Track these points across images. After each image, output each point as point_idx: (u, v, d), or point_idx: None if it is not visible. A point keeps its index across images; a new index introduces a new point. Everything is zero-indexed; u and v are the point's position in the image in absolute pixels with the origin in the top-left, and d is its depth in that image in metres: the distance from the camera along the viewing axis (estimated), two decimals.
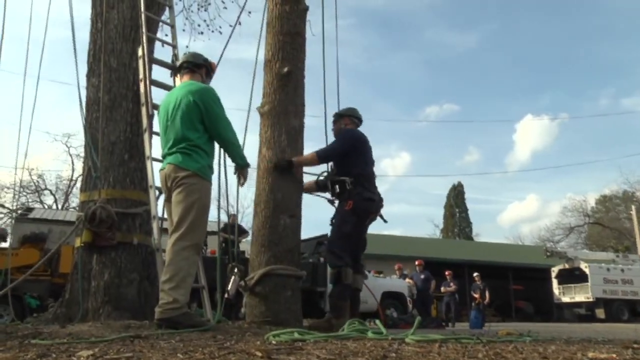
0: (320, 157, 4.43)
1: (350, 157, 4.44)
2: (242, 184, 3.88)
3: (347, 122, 4.74)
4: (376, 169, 4.67)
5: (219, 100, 3.65)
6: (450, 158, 67.97)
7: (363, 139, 4.58)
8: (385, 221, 4.64)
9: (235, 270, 4.20)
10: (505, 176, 70.37)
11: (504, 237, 59.08)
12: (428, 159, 67.64)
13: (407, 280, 13.92)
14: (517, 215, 67.85)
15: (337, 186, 4.49)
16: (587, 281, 20.75)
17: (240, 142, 3.86)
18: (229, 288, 4.17)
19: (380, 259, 20.93)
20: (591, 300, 20.54)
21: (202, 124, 3.61)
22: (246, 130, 4.71)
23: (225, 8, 9.77)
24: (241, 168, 3.82)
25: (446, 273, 15.68)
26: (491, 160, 68.54)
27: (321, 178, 4.67)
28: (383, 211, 4.57)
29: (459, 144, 70.60)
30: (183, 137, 3.55)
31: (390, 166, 65.59)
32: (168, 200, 3.66)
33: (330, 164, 4.63)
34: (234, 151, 3.71)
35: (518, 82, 68.70)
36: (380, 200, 4.53)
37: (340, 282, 4.25)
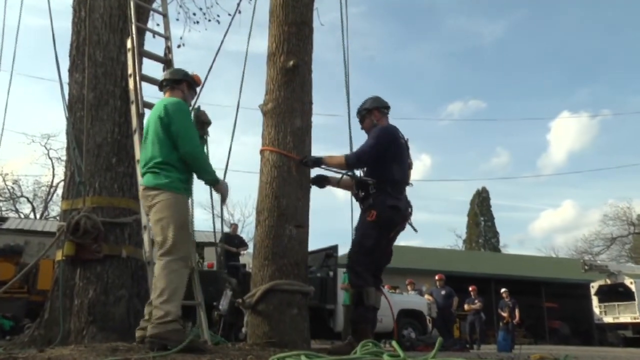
0: (352, 161, 4.44)
1: (383, 158, 4.43)
2: (224, 202, 4.02)
3: (377, 116, 4.69)
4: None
5: (183, 113, 3.80)
6: (475, 161, 67.65)
7: (398, 139, 4.55)
8: (415, 230, 4.66)
9: (227, 284, 4.26)
10: (537, 180, 69.98)
11: (536, 249, 58.77)
12: (450, 162, 67.25)
13: (426, 296, 13.91)
14: (550, 224, 67.29)
15: (360, 190, 4.51)
16: (633, 299, 20.49)
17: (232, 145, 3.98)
18: (220, 303, 4.23)
19: (395, 272, 20.85)
20: (639, 321, 20.35)
21: (172, 139, 3.78)
22: (234, 132, 4.75)
23: None
24: (211, 185, 3.95)
25: (470, 289, 15.64)
26: (522, 163, 68.02)
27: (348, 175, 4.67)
28: (413, 218, 4.59)
29: (485, 145, 70.14)
30: (152, 157, 3.76)
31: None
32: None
33: None
34: (198, 166, 3.80)
35: (553, 75, 68.10)
36: (408, 207, 4.52)
37: (362, 303, 4.29)
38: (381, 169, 4.40)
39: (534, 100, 64.82)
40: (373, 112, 4.68)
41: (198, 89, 4.32)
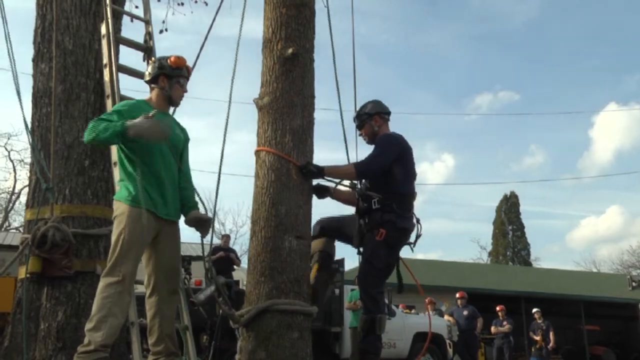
0: (359, 172, 4.61)
1: (391, 170, 4.62)
2: (157, 138, 3.89)
3: (378, 122, 4.91)
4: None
5: (113, 110, 4.02)
6: (505, 161, 67.49)
7: (408, 148, 4.77)
8: (412, 249, 4.89)
9: (211, 279, 4.31)
10: (578, 183, 69.77)
11: (573, 263, 58.69)
12: (476, 163, 67.14)
13: (447, 317, 13.95)
14: (592, 234, 67.00)
15: (363, 202, 4.71)
16: None
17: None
18: (197, 295, 4.29)
19: (411, 290, 20.83)
20: None
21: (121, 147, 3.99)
22: (226, 129, 4.74)
23: None
24: (125, 136, 3.83)
25: (497, 309, 15.68)
26: (560, 163, 67.95)
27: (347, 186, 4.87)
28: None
29: (517, 143, 70.11)
30: None
31: (429, 171, 65.03)
32: None
33: None
34: (98, 141, 3.83)
35: (596, 61, 68.05)
36: (415, 225, 4.76)
37: (373, 332, 4.49)
38: (388, 182, 4.62)
39: (575, 91, 64.64)
40: (374, 118, 4.90)
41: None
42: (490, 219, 49.89)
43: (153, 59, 4.34)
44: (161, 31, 10.05)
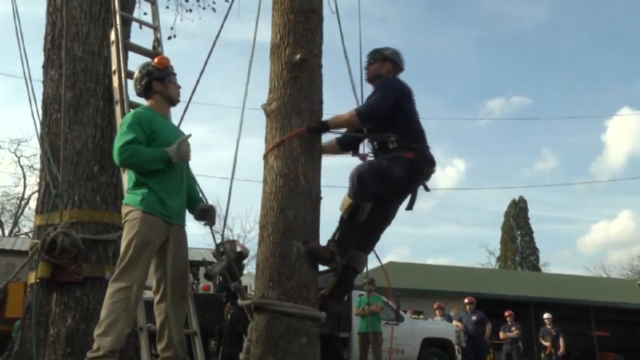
0: (362, 115, 4.48)
1: (397, 111, 4.52)
2: (181, 158, 4.05)
3: (389, 68, 4.83)
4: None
5: (124, 123, 4.00)
6: (516, 165, 67.21)
7: (409, 89, 4.68)
8: (427, 189, 4.77)
9: (222, 249, 4.36)
10: (590, 188, 69.39)
11: (583, 268, 58.46)
12: (487, 167, 66.88)
13: (455, 323, 13.90)
14: (604, 239, 66.55)
15: (376, 144, 4.62)
16: None
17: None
18: (211, 267, 4.34)
19: (419, 295, 20.84)
20: None
21: None
22: (240, 134, 4.79)
23: None
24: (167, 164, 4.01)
25: (506, 314, 15.60)
26: (572, 168, 67.60)
27: (344, 135, 4.77)
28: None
29: (529, 148, 69.77)
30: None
31: (440, 176, 64.92)
32: None
33: None
34: (138, 166, 3.96)
35: (609, 64, 67.55)
36: (435, 161, 4.66)
37: (355, 218, 4.45)
38: (400, 122, 4.52)
39: (587, 95, 64.25)
40: (387, 62, 4.83)
41: (173, 71, 4.33)
42: (499, 223, 49.76)
43: (137, 72, 4.30)
44: (169, 37, 10.11)
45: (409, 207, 4.74)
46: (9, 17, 5.72)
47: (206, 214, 4.32)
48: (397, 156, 4.43)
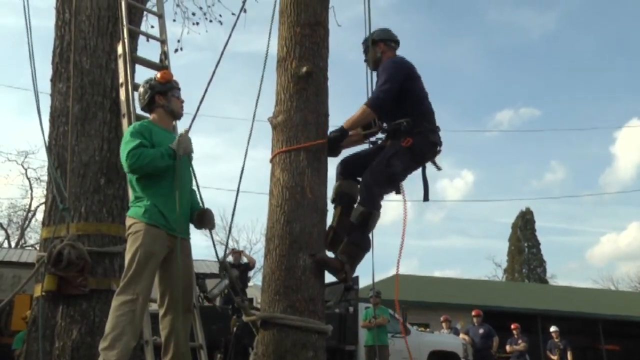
0: (374, 106, 4.52)
1: (404, 94, 4.55)
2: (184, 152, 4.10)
3: (383, 48, 4.87)
4: (431, 193, 4.77)
5: (127, 135, 4.07)
6: (525, 177, 67.04)
7: (413, 68, 4.71)
8: (438, 168, 4.79)
9: (224, 273, 4.37)
10: (599, 200, 69.05)
11: (591, 280, 58.13)
12: (496, 179, 66.75)
13: (462, 336, 13.84)
14: (613, 251, 66.14)
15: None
16: None
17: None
18: (211, 289, 4.34)
19: (426, 307, 20.77)
20: None
21: None
22: (248, 147, 4.80)
23: None
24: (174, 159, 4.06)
25: (512, 327, 15.51)
26: (581, 180, 67.39)
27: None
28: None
29: (538, 159, 69.61)
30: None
31: (449, 188, 64.76)
32: None
33: None
34: (149, 168, 3.99)
35: (618, 75, 67.37)
36: (442, 143, 4.68)
37: (366, 227, 4.42)
38: (408, 106, 4.55)
39: (597, 106, 64.04)
40: (379, 44, 4.87)
41: (177, 85, 4.39)
42: (506, 235, 49.60)
43: (140, 87, 4.36)
44: (176, 50, 10.17)
45: (425, 198, 4.77)
46: (16, 30, 5.79)
47: (203, 218, 4.33)
48: (394, 150, 4.48)
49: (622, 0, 64.16)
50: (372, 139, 4.89)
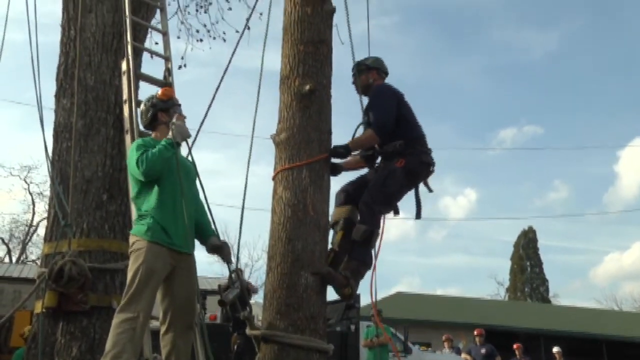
0: (380, 133, 4.67)
1: (397, 120, 4.71)
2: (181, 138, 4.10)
3: (375, 76, 5.03)
4: (433, 211, 4.90)
5: (132, 150, 4.08)
6: (528, 195, 66.94)
7: (403, 95, 4.89)
8: (430, 190, 4.91)
9: (237, 280, 4.38)
10: (603, 219, 68.85)
11: (594, 300, 57.70)
12: (499, 197, 66.57)
13: (464, 355, 13.74)
14: (617, 271, 65.80)
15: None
16: None
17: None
18: (226, 294, 4.35)
19: (428, 326, 20.68)
20: None
21: (138, 182, 4.07)
22: (249, 164, 4.84)
23: (230, 9, 10.16)
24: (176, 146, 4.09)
25: (515, 346, 15.39)
26: (584, 198, 67.15)
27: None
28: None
29: (541, 177, 69.58)
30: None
31: (451, 206, 64.66)
32: None
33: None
34: (156, 163, 3.97)
35: (621, 94, 67.48)
36: (435, 163, 4.82)
37: (369, 245, 4.52)
38: (401, 129, 4.71)
39: (600, 125, 64.07)
40: (372, 71, 5.03)
41: (177, 101, 4.39)
42: (509, 254, 49.44)
43: (142, 105, 4.37)
44: (180, 67, 10.21)
45: (417, 216, 4.92)
46: (22, 45, 5.82)
47: (220, 252, 4.36)
48: (389, 170, 4.62)
49: (624, 19, 64.44)
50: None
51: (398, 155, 4.62)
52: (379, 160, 4.90)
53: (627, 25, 64.77)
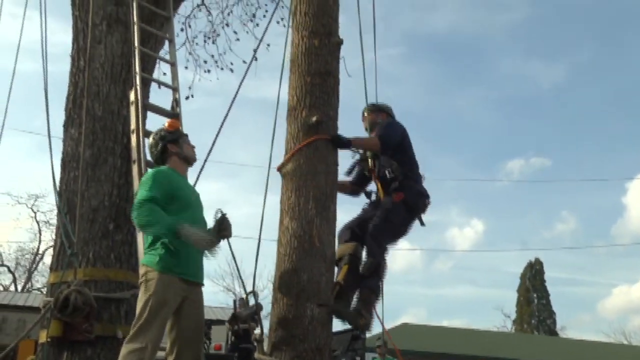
0: (382, 141, 4.87)
1: (401, 147, 4.97)
2: (200, 245, 3.93)
3: (384, 117, 5.27)
4: (440, 242, 5.07)
5: (146, 182, 4.00)
6: (535, 227, 66.50)
7: (407, 132, 5.13)
8: (422, 224, 5.07)
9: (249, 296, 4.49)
10: (611, 251, 68.23)
11: (602, 333, 56.92)
12: (505, 228, 66.15)
13: None
14: (625, 304, 65.01)
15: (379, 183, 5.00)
16: None
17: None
18: (241, 311, 4.35)
19: (435, 358, 20.45)
20: None
21: None
22: (266, 194, 4.85)
23: (238, 40, 10.24)
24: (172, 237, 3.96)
25: None
26: (592, 230, 66.50)
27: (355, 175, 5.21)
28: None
29: (549, 209, 68.95)
30: None
31: (458, 237, 64.36)
32: None
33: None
34: (144, 228, 3.96)
35: (628, 125, 67.23)
36: (429, 195, 5.04)
37: (378, 275, 4.69)
38: (401, 158, 4.94)
39: (608, 157, 63.59)
40: (382, 113, 5.29)
41: (184, 132, 4.42)
42: (515, 285, 49.01)
43: (151, 139, 4.32)
44: (187, 97, 10.28)
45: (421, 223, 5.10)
46: (31, 75, 5.90)
47: (223, 224, 4.04)
48: (389, 206, 4.83)
49: (631, 51, 64.55)
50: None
51: (395, 190, 4.84)
52: (374, 191, 5.13)
53: (635, 57, 64.88)
